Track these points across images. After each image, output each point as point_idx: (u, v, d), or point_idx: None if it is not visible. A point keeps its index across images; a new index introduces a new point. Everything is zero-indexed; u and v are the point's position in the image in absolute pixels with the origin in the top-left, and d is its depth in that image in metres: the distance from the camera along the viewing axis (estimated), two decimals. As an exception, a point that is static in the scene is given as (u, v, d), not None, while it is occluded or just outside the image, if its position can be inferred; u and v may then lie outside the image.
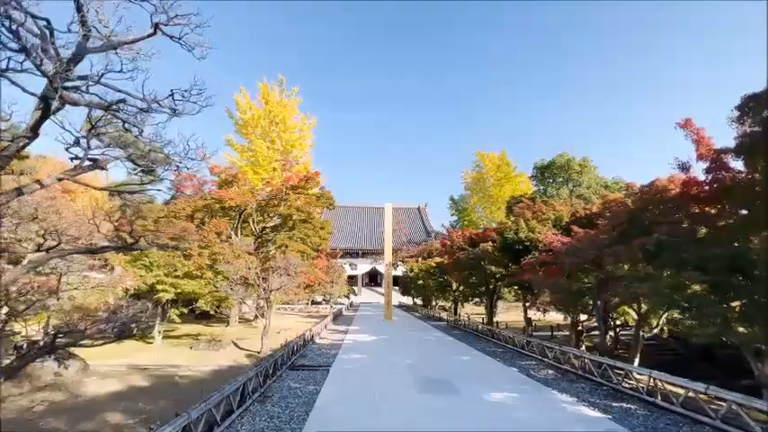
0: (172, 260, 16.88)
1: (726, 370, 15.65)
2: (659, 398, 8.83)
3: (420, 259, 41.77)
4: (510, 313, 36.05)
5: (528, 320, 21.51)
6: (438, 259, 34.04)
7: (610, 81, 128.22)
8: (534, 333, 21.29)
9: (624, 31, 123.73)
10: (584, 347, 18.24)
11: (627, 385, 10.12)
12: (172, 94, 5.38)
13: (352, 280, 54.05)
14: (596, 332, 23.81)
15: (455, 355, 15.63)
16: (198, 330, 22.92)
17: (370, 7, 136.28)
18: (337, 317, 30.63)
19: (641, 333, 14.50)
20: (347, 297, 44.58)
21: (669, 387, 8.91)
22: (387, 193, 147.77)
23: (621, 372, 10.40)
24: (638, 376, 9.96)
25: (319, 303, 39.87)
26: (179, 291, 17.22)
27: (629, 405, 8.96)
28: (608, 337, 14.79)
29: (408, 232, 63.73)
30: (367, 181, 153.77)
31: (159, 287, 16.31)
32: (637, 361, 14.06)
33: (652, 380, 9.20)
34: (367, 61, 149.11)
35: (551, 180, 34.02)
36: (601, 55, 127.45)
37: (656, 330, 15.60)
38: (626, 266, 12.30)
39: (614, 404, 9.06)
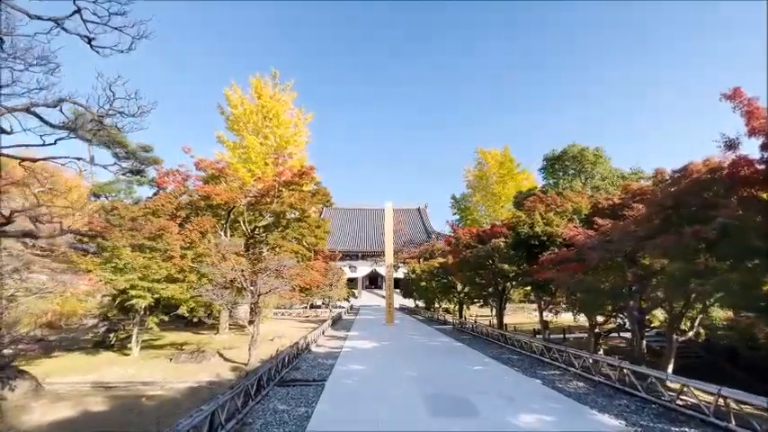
0: (149, 262, 15.09)
1: (754, 373, 14.25)
2: (733, 422, 7.08)
3: (422, 260, 40.11)
4: (517, 315, 34.35)
5: (545, 323, 19.78)
6: (441, 260, 32.50)
7: (609, 80, 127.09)
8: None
9: (623, 29, 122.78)
10: (601, 351, 16.62)
11: (681, 402, 8.38)
12: (78, 10, 3.70)
13: (351, 283, 52.29)
14: (613, 335, 22.25)
15: (467, 365, 13.87)
16: (185, 339, 21.10)
17: (371, 7, 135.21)
18: (336, 321, 28.87)
19: (675, 336, 12.86)
20: (347, 300, 42.96)
21: (744, 407, 7.19)
22: (386, 194, 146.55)
23: (668, 384, 8.72)
24: (696, 392, 8.20)
25: (318, 307, 38.35)
26: (157, 296, 15.41)
27: (694, 431, 7.22)
28: (644, 342, 12.97)
29: (408, 233, 61.99)
30: (366, 182, 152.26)
31: (133, 292, 14.45)
32: (671, 368, 12.42)
33: (720, 399, 7.44)
34: (367, 61, 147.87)
35: (562, 172, 32.22)
36: (599, 54, 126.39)
37: (690, 333, 13.95)
38: (666, 261, 10.61)
39: (674, 429, 7.32)
